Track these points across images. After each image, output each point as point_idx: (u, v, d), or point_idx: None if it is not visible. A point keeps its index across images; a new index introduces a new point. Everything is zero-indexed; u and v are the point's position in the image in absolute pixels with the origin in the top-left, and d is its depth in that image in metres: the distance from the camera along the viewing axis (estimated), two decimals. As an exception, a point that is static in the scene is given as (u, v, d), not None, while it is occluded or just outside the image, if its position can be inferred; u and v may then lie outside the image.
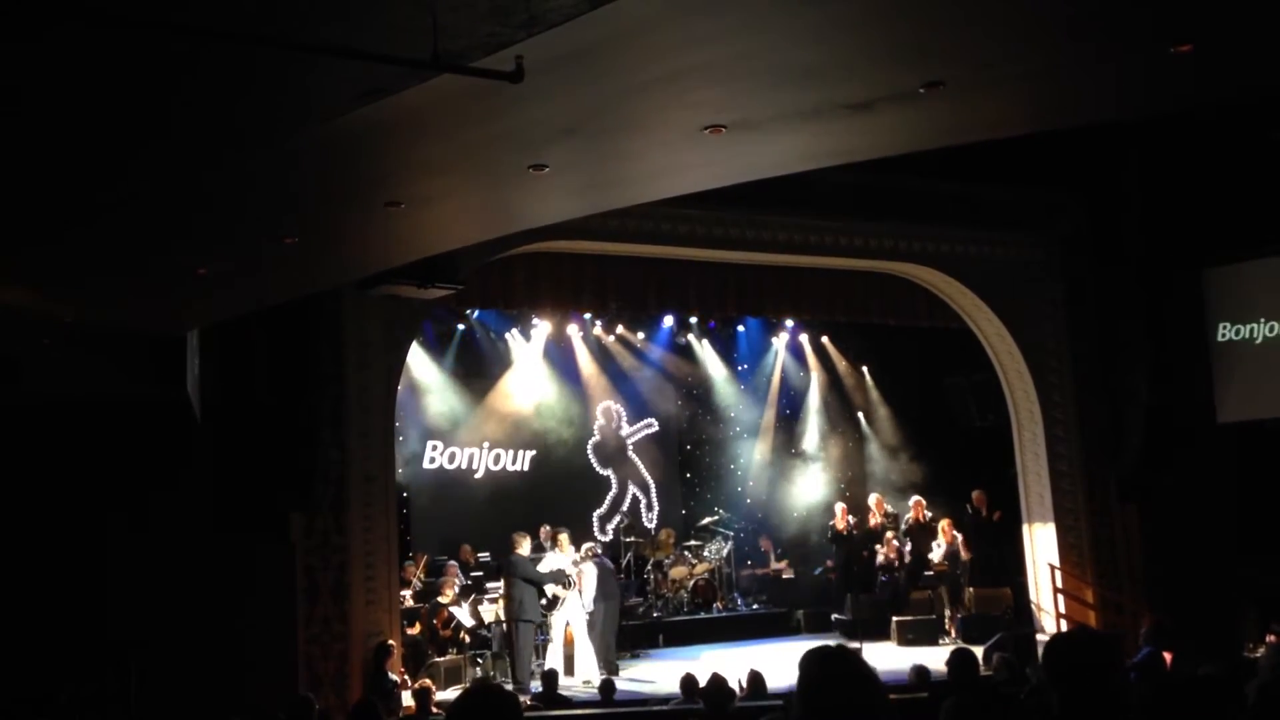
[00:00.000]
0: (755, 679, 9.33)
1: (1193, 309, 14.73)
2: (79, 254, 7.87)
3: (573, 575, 12.88)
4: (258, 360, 11.21)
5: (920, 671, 9.53)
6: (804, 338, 18.62)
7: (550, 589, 12.62)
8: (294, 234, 7.88)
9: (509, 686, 9.32)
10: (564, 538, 13.51)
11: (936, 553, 15.24)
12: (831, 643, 2.86)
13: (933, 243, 14.39)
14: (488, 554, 15.95)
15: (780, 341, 18.69)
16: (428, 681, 10.14)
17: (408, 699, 11.30)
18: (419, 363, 15.95)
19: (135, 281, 8.76)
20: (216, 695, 9.98)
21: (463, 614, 13.33)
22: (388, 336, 12.07)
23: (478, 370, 16.99)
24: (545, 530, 16.18)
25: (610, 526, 17.86)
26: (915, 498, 16.42)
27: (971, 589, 15.14)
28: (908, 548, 15.71)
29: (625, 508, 18.22)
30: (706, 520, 18.00)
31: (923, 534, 15.85)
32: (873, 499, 16.76)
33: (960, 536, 15.23)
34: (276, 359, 11.24)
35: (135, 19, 4.22)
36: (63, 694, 9.80)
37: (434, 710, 9.67)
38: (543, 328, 16.89)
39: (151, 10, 4.23)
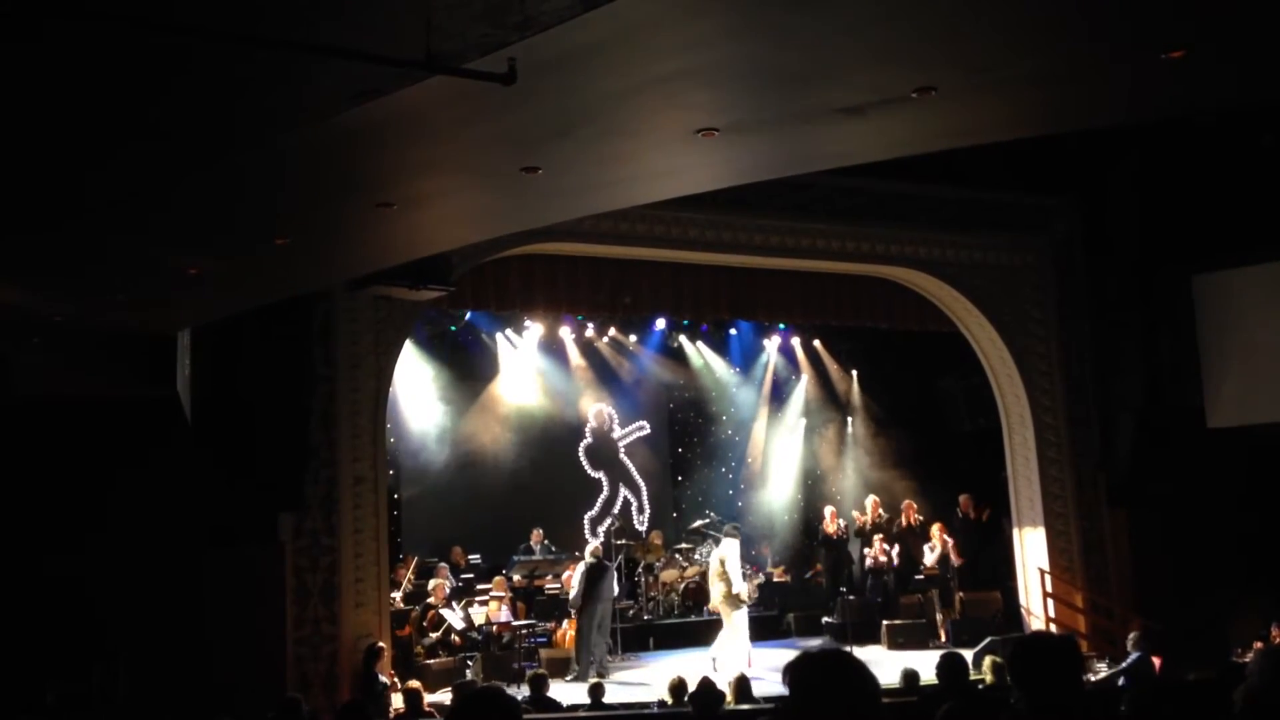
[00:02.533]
0: (741, 683, 9.33)
1: (1184, 314, 14.77)
2: (70, 252, 7.85)
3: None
4: (248, 360, 11.20)
5: (909, 675, 9.54)
6: (796, 341, 18.64)
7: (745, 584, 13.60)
8: (286, 234, 7.87)
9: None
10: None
11: (929, 556, 15.27)
12: (821, 646, 2.88)
13: (924, 247, 14.42)
14: (478, 556, 15.95)
15: (772, 344, 18.70)
16: (416, 683, 10.12)
17: (398, 701, 11.29)
18: (410, 364, 15.93)
19: (126, 280, 8.74)
20: (205, 695, 9.95)
21: (453, 616, 13.32)
22: (379, 338, 12.06)
23: (469, 372, 16.98)
24: (536, 534, 16.16)
25: (601, 529, 17.85)
26: (906, 501, 16.46)
27: (961, 593, 15.18)
28: (895, 550, 15.75)
29: (616, 510, 18.21)
30: (698, 523, 17.99)
31: (913, 537, 15.89)
32: (869, 501, 16.78)
33: (951, 540, 15.27)
34: (267, 359, 11.23)
35: (128, 16, 4.21)
36: (50, 694, 9.76)
37: (425, 710, 9.64)
38: (535, 329, 16.88)
39: (144, 8, 4.22)
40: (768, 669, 12.33)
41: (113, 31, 4.41)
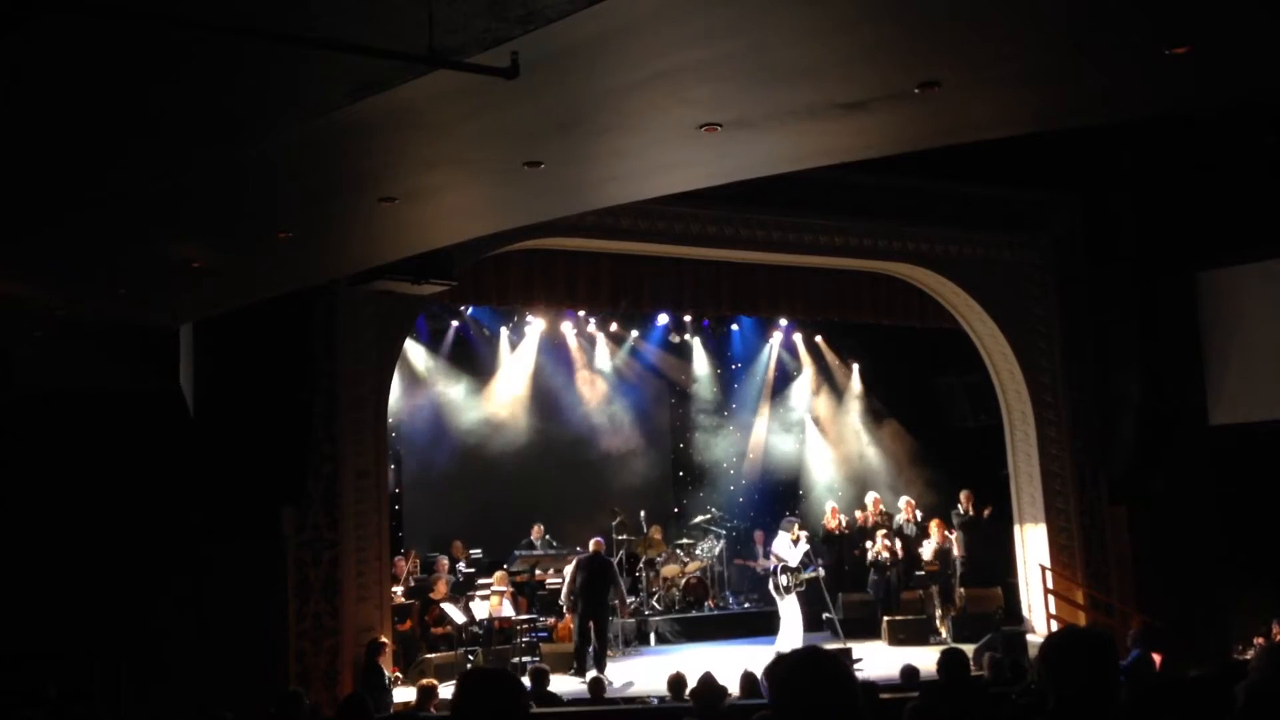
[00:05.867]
0: (748, 680, 9.33)
1: (1185, 311, 14.76)
2: (72, 246, 7.85)
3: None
4: (251, 355, 11.19)
5: (909, 671, 9.54)
6: (797, 337, 18.64)
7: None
8: (288, 229, 7.87)
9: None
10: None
11: (927, 550, 15.27)
12: (800, 647, 2.86)
13: (926, 243, 14.42)
14: (479, 550, 15.94)
15: (774, 340, 18.70)
16: (433, 680, 10.08)
17: (399, 696, 11.30)
18: (413, 358, 15.94)
19: (127, 274, 8.74)
20: (206, 690, 9.96)
21: (454, 611, 13.33)
22: (381, 332, 12.07)
23: (471, 367, 16.98)
24: (537, 529, 16.17)
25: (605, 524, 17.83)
26: (905, 498, 16.46)
27: (962, 589, 15.19)
28: (898, 545, 15.76)
29: (617, 505, 18.19)
30: (699, 518, 18.01)
31: (913, 535, 15.90)
32: (870, 497, 16.79)
33: (951, 536, 15.28)
34: (270, 354, 11.23)
35: (126, 10, 4.20)
36: (51, 688, 9.77)
37: (433, 710, 9.60)
38: (536, 325, 16.89)
39: (143, 1, 4.21)
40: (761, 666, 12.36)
41: (111, 25, 4.40)
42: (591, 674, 11.77)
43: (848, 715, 2.52)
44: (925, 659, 10.14)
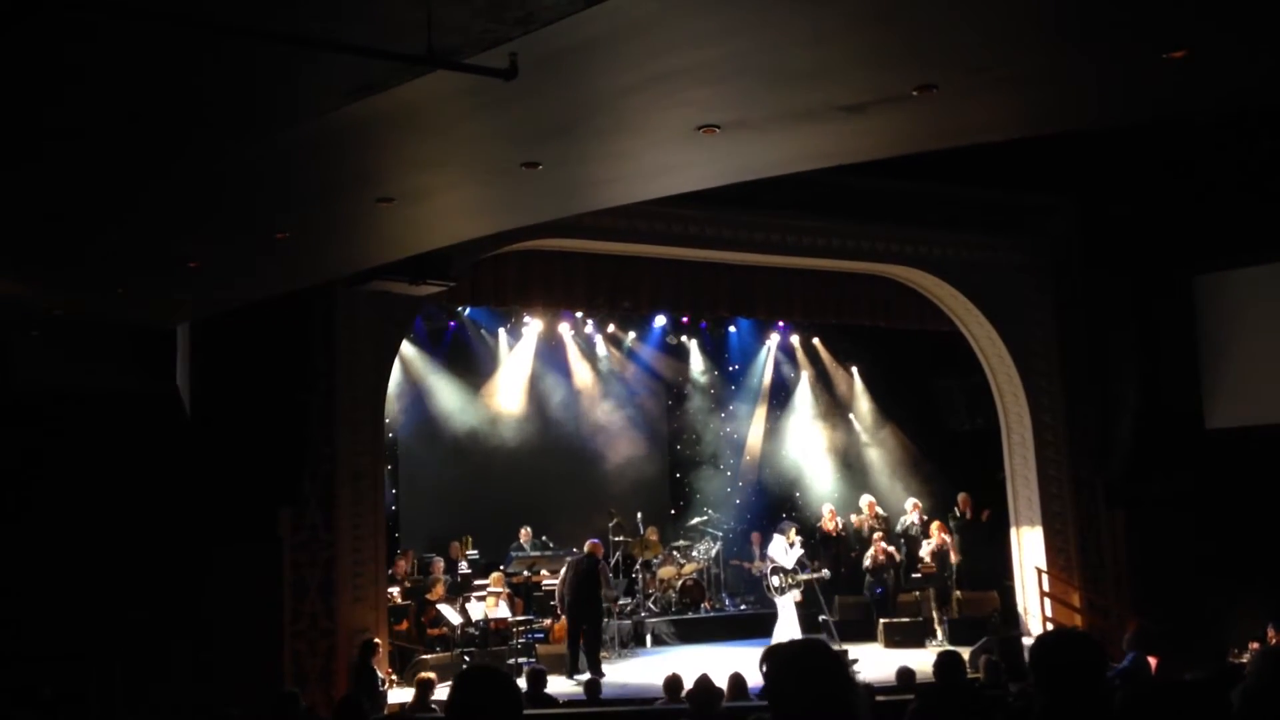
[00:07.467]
0: (736, 681, 9.32)
1: (1183, 315, 14.77)
2: (69, 246, 7.84)
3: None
4: (248, 355, 11.19)
5: (905, 674, 9.55)
6: (795, 339, 18.65)
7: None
8: (286, 229, 7.87)
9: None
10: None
11: (925, 549, 15.27)
12: (797, 637, 2.87)
13: (924, 245, 14.43)
14: (476, 552, 15.94)
15: (771, 342, 18.71)
16: (431, 675, 10.07)
17: (394, 697, 11.29)
18: (410, 359, 15.93)
19: (126, 274, 8.74)
20: (202, 690, 9.95)
21: (450, 612, 13.32)
22: (379, 332, 12.06)
23: (469, 367, 16.97)
24: (525, 532, 16.15)
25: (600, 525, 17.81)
26: (911, 499, 16.45)
27: (959, 592, 15.19)
28: (898, 548, 15.75)
29: (614, 507, 18.19)
30: (695, 520, 18.00)
31: (912, 538, 15.89)
32: (865, 501, 16.79)
33: (948, 539, 15.28)
34: (267, 354, 11.22)
35: (125, 9, 4.20)
36: (46, 689, 9.75)
37: (431, 705, 9.58)
38: (534, 326, 16.89)
39: (143, 1, 4.21)
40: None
41: (109, 25, 4.40)
42: (585, 675, 11.77)
43: (843, 707, 2.52)
44: (921, 661, 10.15)
